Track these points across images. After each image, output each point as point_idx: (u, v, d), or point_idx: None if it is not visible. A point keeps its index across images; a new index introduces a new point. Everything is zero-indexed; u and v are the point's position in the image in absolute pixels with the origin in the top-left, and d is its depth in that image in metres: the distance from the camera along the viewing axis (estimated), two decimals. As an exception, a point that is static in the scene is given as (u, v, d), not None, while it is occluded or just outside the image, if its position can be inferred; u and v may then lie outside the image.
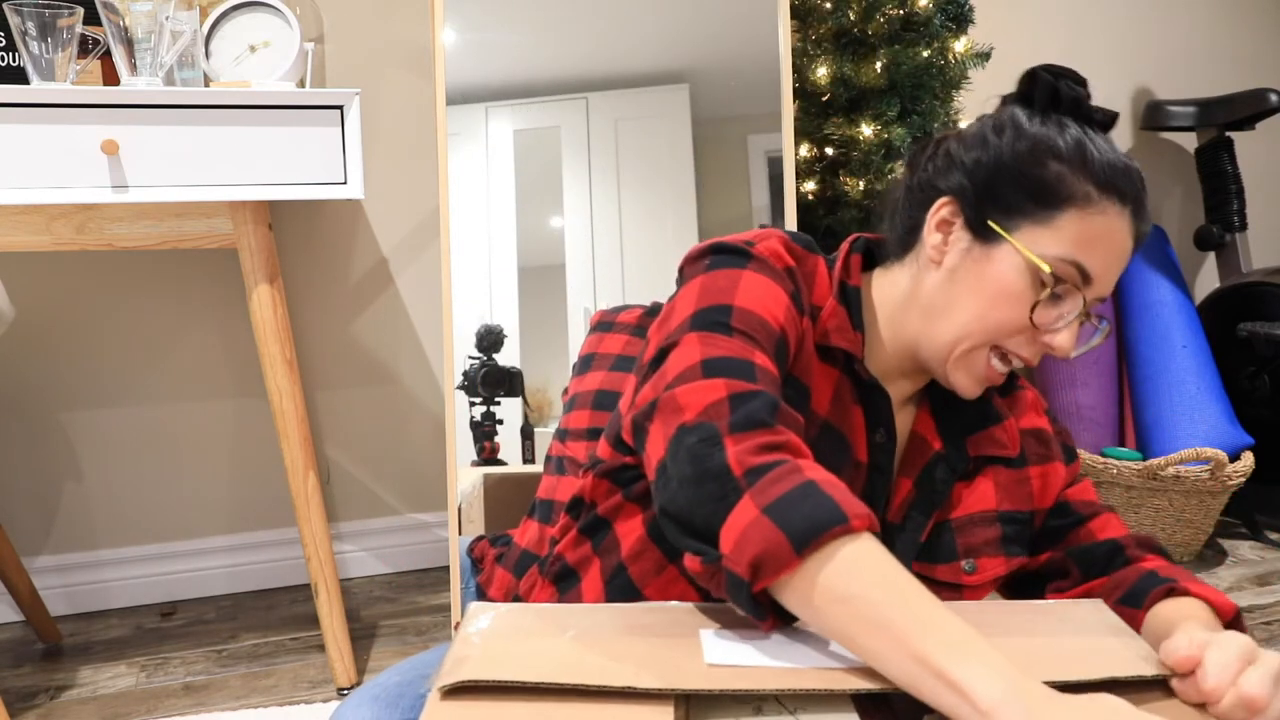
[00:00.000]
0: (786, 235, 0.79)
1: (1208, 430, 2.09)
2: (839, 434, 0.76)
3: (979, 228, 0.74)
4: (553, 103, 1.76)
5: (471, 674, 0.54)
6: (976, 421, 0.81)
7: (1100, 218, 0.70)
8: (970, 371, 0.75)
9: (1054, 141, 0.73)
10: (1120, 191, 0.71)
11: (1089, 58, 2.56)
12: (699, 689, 0.53)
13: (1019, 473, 0.82)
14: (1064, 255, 0.70)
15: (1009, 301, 0.71)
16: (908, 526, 0.78)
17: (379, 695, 0.75)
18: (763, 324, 0.70)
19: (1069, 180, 0.71)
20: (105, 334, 1.87)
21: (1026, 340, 0.73)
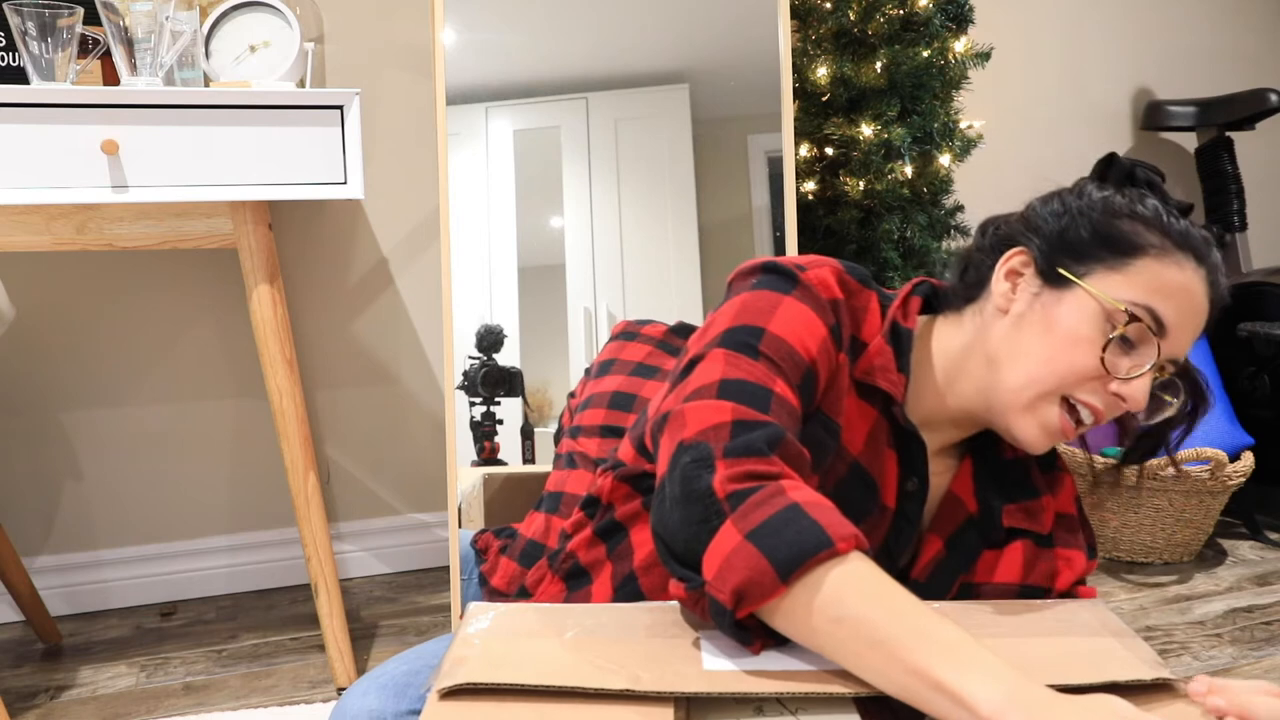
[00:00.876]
0: (842, 266, 0.77)
1: (1208, 430, 2.09)
2: (868, 476, 0.75)
3: (1050, 274, 0.73)
4: (553, 103, 1.76)
5: (471, 676, 0.54)
6: (1015, 493, 0.80)
7: (1176, 270, 0.70)
8: (1039, 421, 0.72)
9: (1130, 202, 0.73)
10: (1197, 251, 0.71)
11: (1089, 58, 2.56)
12: (698, 692, 0.53)
13: (1045, 551, 0.81)
14: (1137, 300, 0.70)
15: (1078, 345, 0.70)
16: (933, 585, 0.77)
17: (385, 684, 0.75)
18: (792, 353, 0.69)
19: (1144, 232, 0.71)
20: (105, 334, 1.87)
21: (1098, 389, 0.71)
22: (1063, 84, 2.55)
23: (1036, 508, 0.80)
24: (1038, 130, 2.54)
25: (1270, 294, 2.29)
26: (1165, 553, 2.12)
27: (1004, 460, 0.81)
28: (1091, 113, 2.60)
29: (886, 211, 2.00)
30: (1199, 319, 0.72)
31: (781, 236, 1.82)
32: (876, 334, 0.76)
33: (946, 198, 2.11)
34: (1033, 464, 0.82)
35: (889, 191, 1.98)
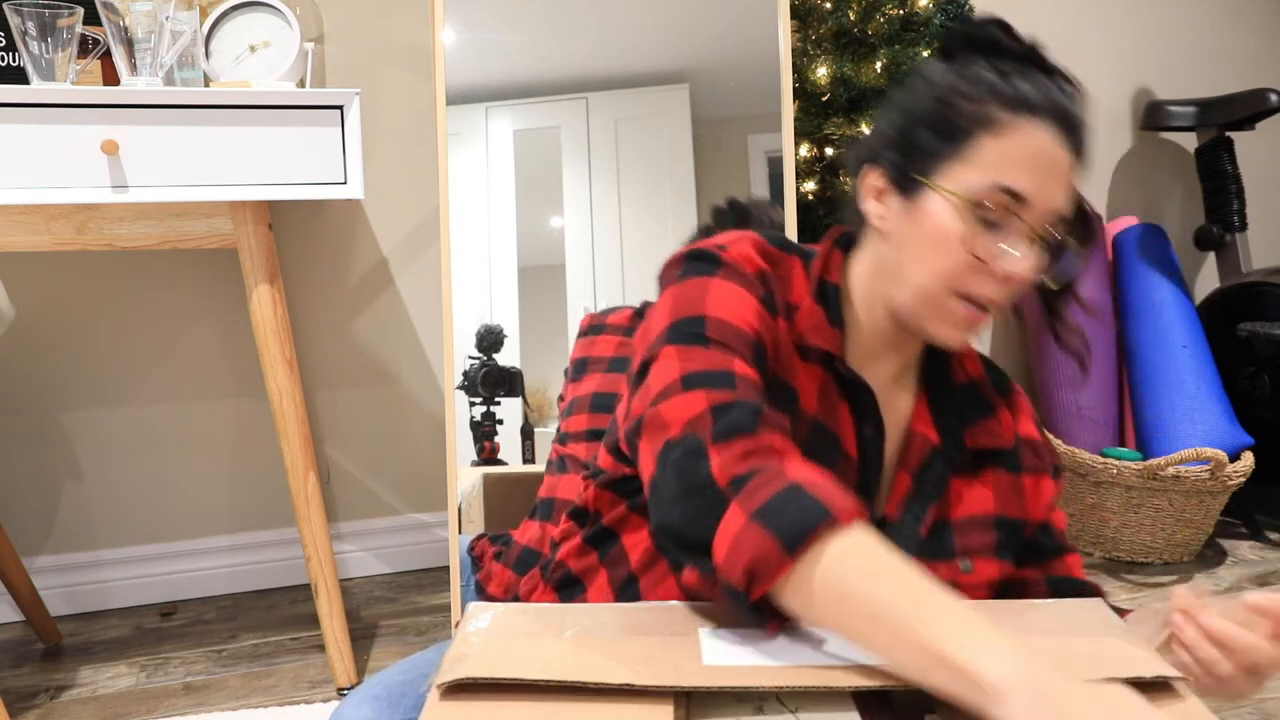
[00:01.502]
0: (761, 237, 0.79)
1: (1208, 430, 2.09)
2: (829, 431, 0.76)
3: (905, 184, 0.74)
4: (553, 103, 1.76)
5: (471, 672, 0.54)
6: (972, 414, 0.82)
7: (1017, 137, 0.70)
8: (946, 320, 0.73)
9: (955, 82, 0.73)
10: (1034, 106, 0.70)
11: (1089, 58, 2.56)
12: (698, 686, 0.53)
13: (1015, 479, 0.82)
14: (987, 184, 0.70)
15: (948, 244, 0.71)
16: (907, 521, 0.78)
17: (379, 694, 0.75)
18: (737, 331, 0.70)
19: (973, 111, 0.71)
20: (105, 334, 1.87)
21: (984, 278, 0.72)
22: (1063, 84, 2.55)
23: (995, 424, 0.82)
24: (1038, 130, 2.53)
25: (1270, 294, 2.29)
26: (1165, 553, 2.12)
27: (957, 386, 0.82)
28: (1091, 113, 2.59)
29: (886, 211, 2.00)
30: (1060, 171, 0.71)
31: (781, 236, 1.82)
32: (805, 295, 0.78)
33: (946, 198, 2.11)
34: (986, 383, 0.83)
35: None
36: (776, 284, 0.76)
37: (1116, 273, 2.39)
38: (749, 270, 0.75)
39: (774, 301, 0.75)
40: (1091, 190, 2.64)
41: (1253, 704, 1.54)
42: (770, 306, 0.74)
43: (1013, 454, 0.83)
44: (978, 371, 0.84)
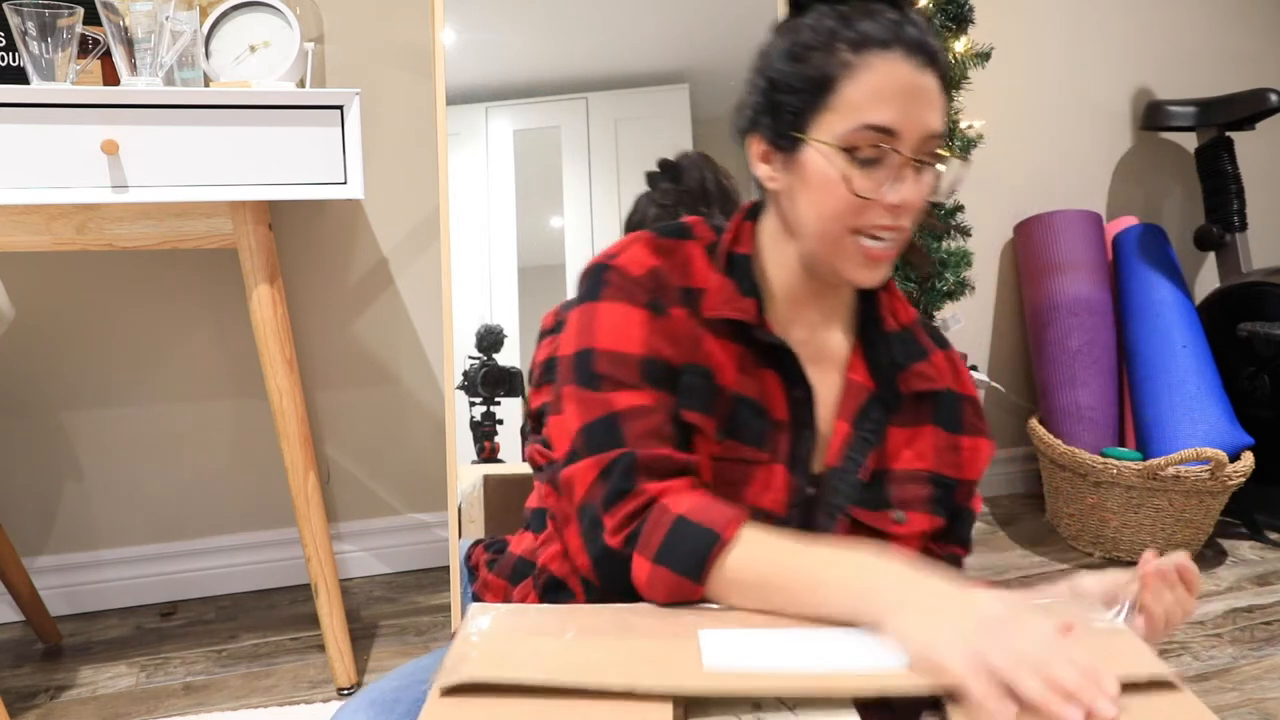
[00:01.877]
0: (654, 232, 0.82)
1: (1208, 430, 2.09)
2: (752, 402, 0.79)
3: (783, 143, 0.77)
4: (553, 103, 1.76)
5: (472, 674, 0.54)
6: (904, 358, 0.84)
7: (869, 74, 0.72)
8: (851, 259, 0.76)
9: (804, 37, 0.75)
10: (879, 41, 0.72)
11: (1089, 58, 2.57)
12: (698, 691, 0.53)
13: (954, 439, 0.85)
14: (853, 126, 0.73)
15: (834, 189, 0.74)
16: (847, 467, 0.80)
17: (375, 700, 0.76)
18: (623, 358, 0.75)
19: (824, 61, 0.74)
20: (105, 334, 1.87)
21: (875, 212, 0.74)
22: (1063, 84, 2.55)
23: (928, 368, 0.84)
24: (1038, 130, 2.54)
25: (1270, 294, 2.29)
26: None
27: (889, 333, 0.85)
28: (1091, 113, 2.60)
29: (886, 211, 2.00)
30: (917, 96, 0.73)
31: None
32: (710, 274, 0.81)
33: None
34: (918, 328, 0.86)
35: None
36: (674, 274, 0.79)
37: (1116, 273, 2.39)
38: (638, 273, 0.78)
39: (664, 298, 0.78)
40: (1092, 190, 2.64)
41: (1253, 704, 1.54)
42: (658, 308, 0.77)
43: (953, 411, 0.85)
44: (909, 318, 0.86)
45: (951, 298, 2.10)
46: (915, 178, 0.74)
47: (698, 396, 0.77)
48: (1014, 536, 2.29)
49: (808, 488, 0.79)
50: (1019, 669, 0.53)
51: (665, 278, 0.79)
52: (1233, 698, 1.56)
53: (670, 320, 0.77)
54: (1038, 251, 2.39)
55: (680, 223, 0.84)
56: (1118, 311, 2.35)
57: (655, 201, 1.40)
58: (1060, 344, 2.31)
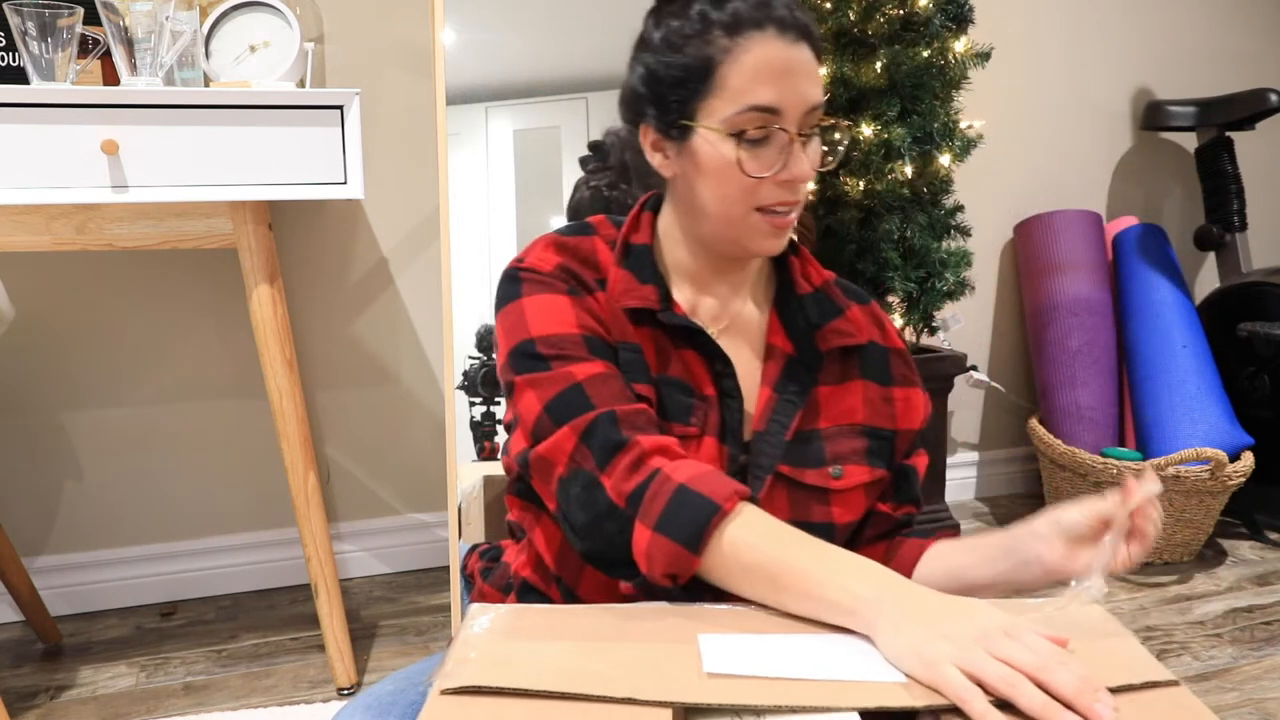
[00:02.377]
0: (555, 234, 0.84)
1: (1208, 430, 2.09)
2: (675, 381, 0.80)
3: (673, 132, 0.78)
4: (553, 103, 1.76)
5: (473, 679, 0.54)
6: (819, 318, 0.85)
7: (746, 56, 0.73)
8: (754, 234, 0.78)
9: (678, 25, 0.76)
10: (750, 21, 0.73)
11: (1089, 58, 2.57)
12: (699, 702, 0.53)
13: (886, 391, 0.86)
14: (737, 109, 0.74)
15: (724, 171, 0.75)
16: (771, 430, 0.81)
17: (371, 704, 0.76)
18: (563, 338, 0.76)
19: (701, 47, 0.75)
20: (105, 334, 1.87)
21: (770, 189, 0.76)
22: (1063, 84, 2.55)
23: (844, 323, 0.85)
24: (1038, 130, 2.54)
25: (1270, 294, 2.29)
26: (1165, 553, 2.12)
27: (802, 295, 0.86)
28: (1091, 113, 2.60)
29: (886, 211, 2.00)
30: (799, 70, 0.74)
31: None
32: (611, 266, 0.82)
33: (946, 198, 2.11)
34: (832, 288, 0.87)
35: (889, 191, 1.98)
36: (581, 268, 0.81)
37: (1116, 273, 2.39)
38: (548, 269, 0.80)
39: (582, 285, 0.80)
40: (1092, 190, 2.64)
41: (1253, 704, 1.54)
42: (577, 293, 0.79)
43: (880, 364, 0.87)
44: (822, 279, 0.87)
45: (951, 298, 2.10)
46: (803, 151, 0.76)
47: (637, 370, 0.78)
48: (1014, 536, 2.29)
49: (740, 455, 0.81)
50: (1017, 681, 0.53)
51: (575, 270, 0.81)
52: (1233, 698, 1.56)
53: (594, 302, 0.80)
54: (1038, 251, 2.39)
55: (582, 222, 0.86)
56: (1118, 311, 2.35)
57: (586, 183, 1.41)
58: (1060, 344, 2.31)
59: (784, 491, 0.81)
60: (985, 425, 2.61)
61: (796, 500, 0.81)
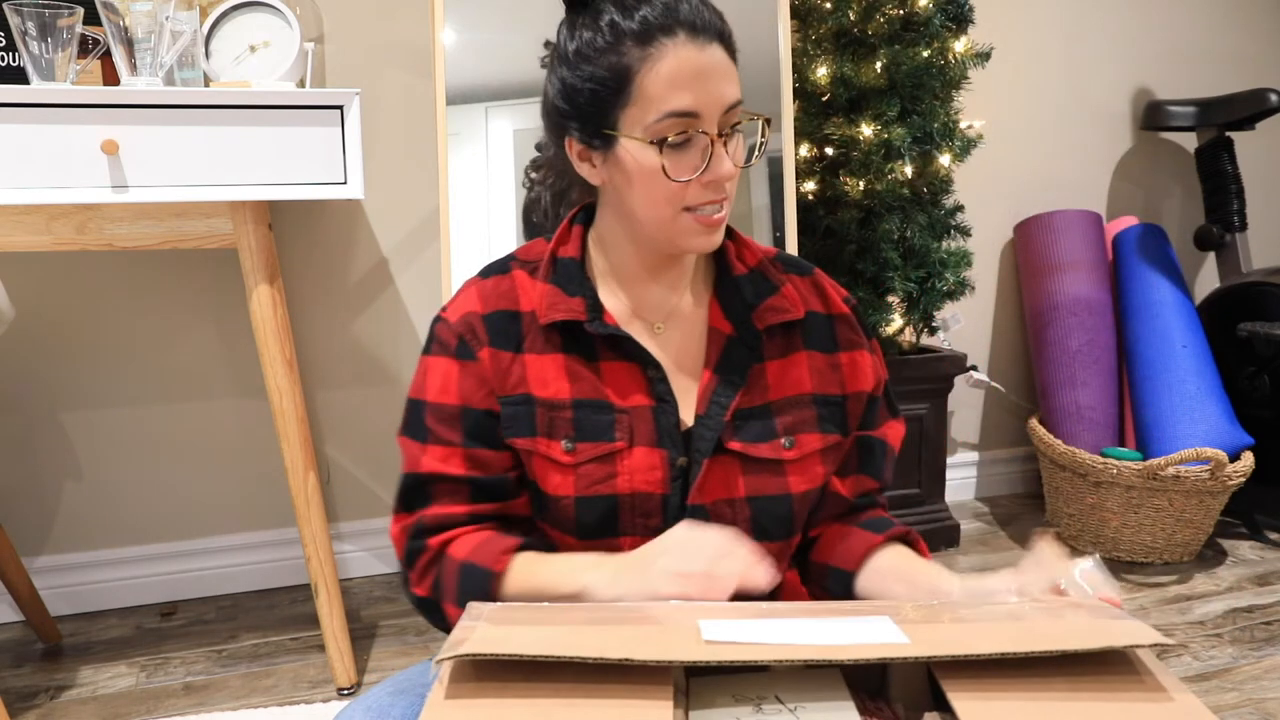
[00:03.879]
0: (478, 274, 0.87)
1: (1208, 430, 2.09)
2: (588, 402, 0.82)
3: (596, 142, 0.80)
4: (553, 103, 1.76)
5: (472, 648, 0.54)
6: (755, 297, 0.86)
7: (660, 64, 0.74)
8: (686, 234, 0.79)
9: (590, 37, 0.77)
10: (659, 28, 0.74)
11: (1089, 58, 2.57)
12: (696, 660, 0.53)
13: (831, 358, 0.87)
14: (656, 116, 0.75)
15: (650, 178, 0.76)
16: (711, 413, 0.83)
17: (371, 705, 0.77)
18: (441, 410, 0.83)
19: (613, 60, 0.75)
20: (105, 334, 1.87)
21: (697, 189, 0.77)
22: (1063, 84, 2.55)
23: (779, 300, 0.86)
24: (1038, 130, 2.54)
25: (1270, 294, 2.29)
26: (1165, 553, 2.12)
27: (739, 277, 0.87)
28: (1091, 113, 2.60)
29: (886, 211, 2.00)
30: (712, 71, 0.75)
31: (781, 236, 1.83)
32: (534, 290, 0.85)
33: (946, 198, 2.11)
34: (767, 266, 0.88)
35: (889, 191, 1.98)
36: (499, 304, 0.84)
37: (1116, 273, 2.39)
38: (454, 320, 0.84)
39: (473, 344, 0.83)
40: (1092, 190, 2.64)
41: (1253, 704, 1.54)
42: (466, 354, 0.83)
43: (824, 333, 0.88)
44: (755, 260, 0.88)
45: (951, 298, 2.10)
46: (725, 150, 0.77)
47: (520, 422, 0.82)
48: (1014, 536, 2.29)
49: (678, 457, 0.82)
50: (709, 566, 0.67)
51: (485, 323, 0.83)
52: (1233, 698, 1.56)
53: (477, 364, 0.83)
54: (1038, 251, 2.39)
55: (502, 258, 0.89)
56: (1118, 311, 2.35)
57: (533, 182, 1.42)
58: (1060, 344, 2.31)
59: (736, 468, 0.82)
60: (985, 425, 2.61)
61: (751, 475, 0.83)
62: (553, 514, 0.83)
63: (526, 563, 0.78)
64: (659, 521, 0.82)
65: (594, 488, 0.81)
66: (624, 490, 0.81)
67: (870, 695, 0.63)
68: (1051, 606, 0.65)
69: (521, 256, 0.88)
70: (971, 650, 0.55)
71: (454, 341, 0.84)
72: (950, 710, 0.54)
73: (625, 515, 0.82)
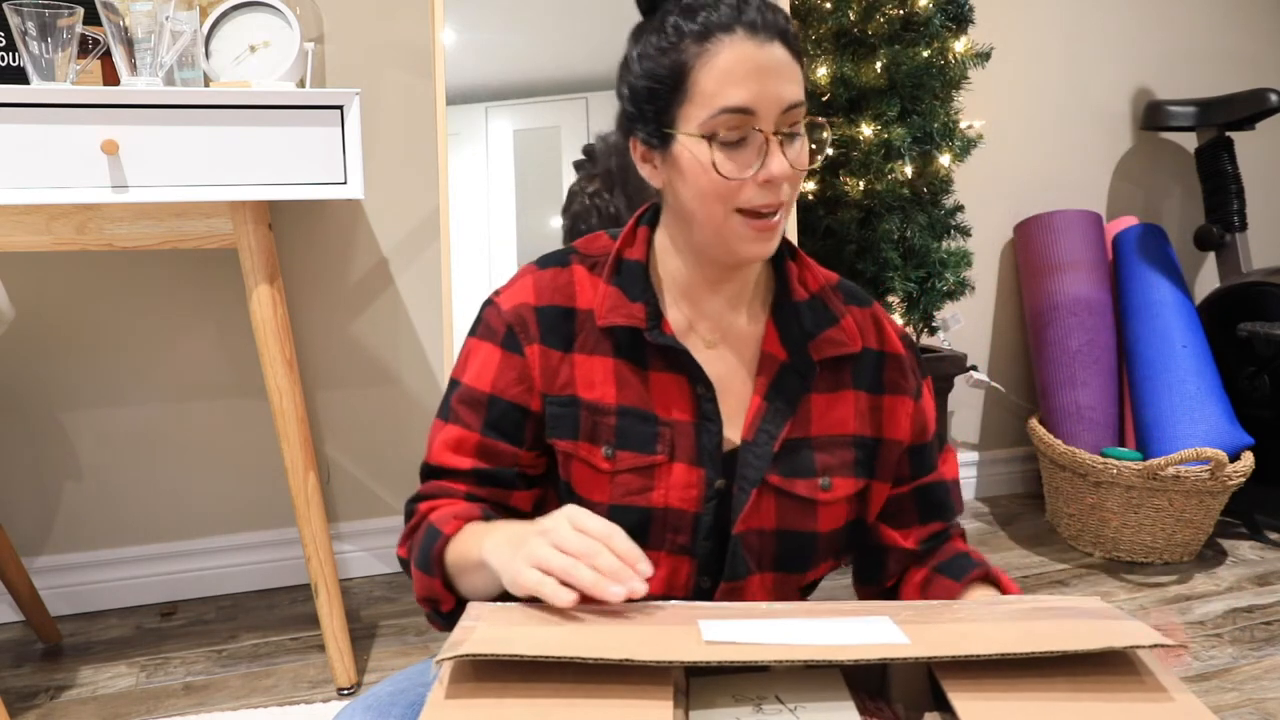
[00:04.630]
0: (535, 263, 0.87)
1: (1208, 430, 2.09)
2: (635, 411, 0.82)
3: (656, 142, 0.80)
4: (553, 103, 1.76)
5: (472, 648, 0.54)
6: (814, 326, 0.85)
7: (716, 60, 0.74)
8: (739, 238, 0.78)
9: (654, 39, 0.78)
10: (719, 26, 0.74)
11: (1089, 58, 2.57)
12: (697, 660, 0.53)
13: (875, 399, 0.86)
14: (711, 112, 0.75)
15: (703, 174, 0.76)
16: (760, 440, 0.82)
17: (371, 705, 0.77)
18: (476, 397, 0.83)
19: (674, 58, 0.76)
20: (105, 334, 1.87)
21: (751, 190, 0.76)
22: (1063, 84, 2.55)
23: (838, 333, 0.85)
24: (1038, 130, 2.54)
25: (1270, 294, 2.29)
26: (1165, 553, 2.12)
27: (798, 303, 0.86)
28: (1091, 113, 2.60)
29: (886, 211, 2.00)
30: (771, 69, 0.74)
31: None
32: (595, 290, 0.84)
33: (946, 198, 2.11)
34: (829, 294, 0.87)
35: (889, 191, 1.98)
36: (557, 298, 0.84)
37: (1116, 273, 2.39)
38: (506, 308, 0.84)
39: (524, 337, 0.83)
40: (1092, 190, 2.64)
41: (1253, 704, 1.54)
42: (514, 347, 0.83)
43: (874, 372, 0.86)
44: (817, 285, 0.87)
45: (951, 298, 2.10)
46: (782, 150, 0.76)
47: (564, 424, 0.82)
48: (1014, 536, 2.29)
49: (716, 479, 0.81)
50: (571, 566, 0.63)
51: (528, 316, 0.83)
52: (1233, 698, 1.56)
53: (521, 360, 0.83)
54: (1038, 251, 2.39)
55: (563, 250, 0.88)
56: (1118, 311, 2.35)
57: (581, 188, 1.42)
58: (1060, 344, 2.31)
59: (772, 501, 0.81)
60: (985, 425, 2.61)
61: (784, 510, 0.82)
62: None
63: (470, 529, 0.77)
64: (687, 540, 0.81)
65: (629, 498, 0.81)
66: (658, 504, 0.80)
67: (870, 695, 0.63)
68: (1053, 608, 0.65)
69: (583, 250, 0.87)
70: (971, 651, 0.55)
71: (502, 330, 0.83)
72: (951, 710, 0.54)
73: (656, 529, 0.81)
